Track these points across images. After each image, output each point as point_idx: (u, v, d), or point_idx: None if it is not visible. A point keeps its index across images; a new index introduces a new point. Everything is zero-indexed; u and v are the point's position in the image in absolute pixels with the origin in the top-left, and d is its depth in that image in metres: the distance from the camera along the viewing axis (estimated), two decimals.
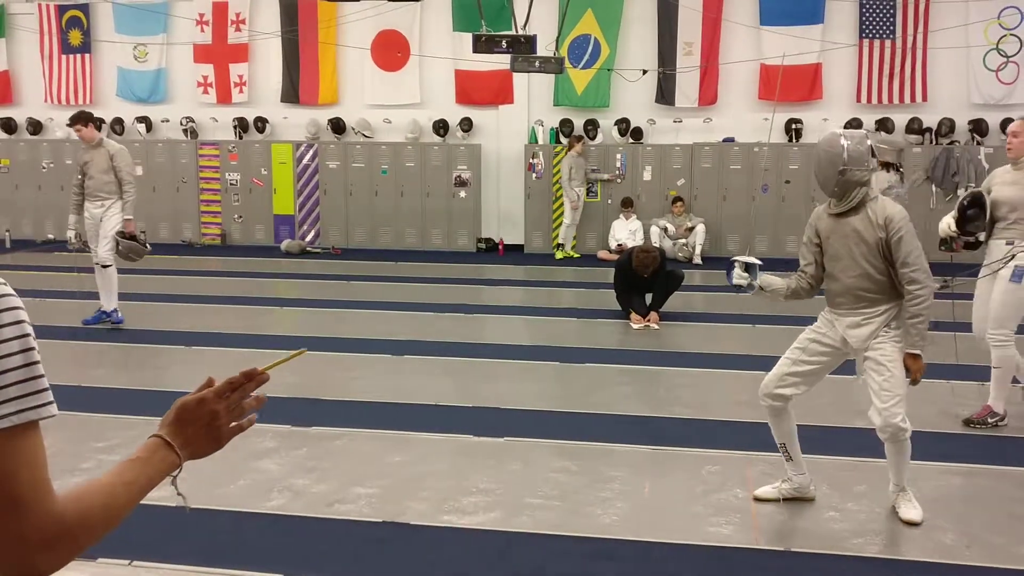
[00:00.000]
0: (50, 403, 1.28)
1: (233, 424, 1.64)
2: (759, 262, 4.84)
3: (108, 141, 9.20)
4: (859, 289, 4.45)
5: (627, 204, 13.92)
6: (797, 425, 4.79)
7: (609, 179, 14.20)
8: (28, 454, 1.26)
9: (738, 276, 4.80)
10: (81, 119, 9.05)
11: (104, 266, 8.95)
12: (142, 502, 1.46)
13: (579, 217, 14.08)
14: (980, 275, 6.00)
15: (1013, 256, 5.73)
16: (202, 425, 1.60)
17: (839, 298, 4.56)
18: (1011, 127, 5.94)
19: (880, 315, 4.43)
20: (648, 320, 9.14)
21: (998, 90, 13.56)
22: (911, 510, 4.54)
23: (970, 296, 6.24)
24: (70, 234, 9.25)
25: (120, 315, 9.12)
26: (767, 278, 4.85)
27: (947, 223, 5.84)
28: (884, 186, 8.45)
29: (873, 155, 4.42)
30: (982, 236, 5.92)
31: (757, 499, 4.77)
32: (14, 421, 1.23)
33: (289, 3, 15.22)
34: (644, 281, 9.31)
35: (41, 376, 1.27)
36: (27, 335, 1.27)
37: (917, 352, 4.33)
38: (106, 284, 9.01)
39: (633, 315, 9.20)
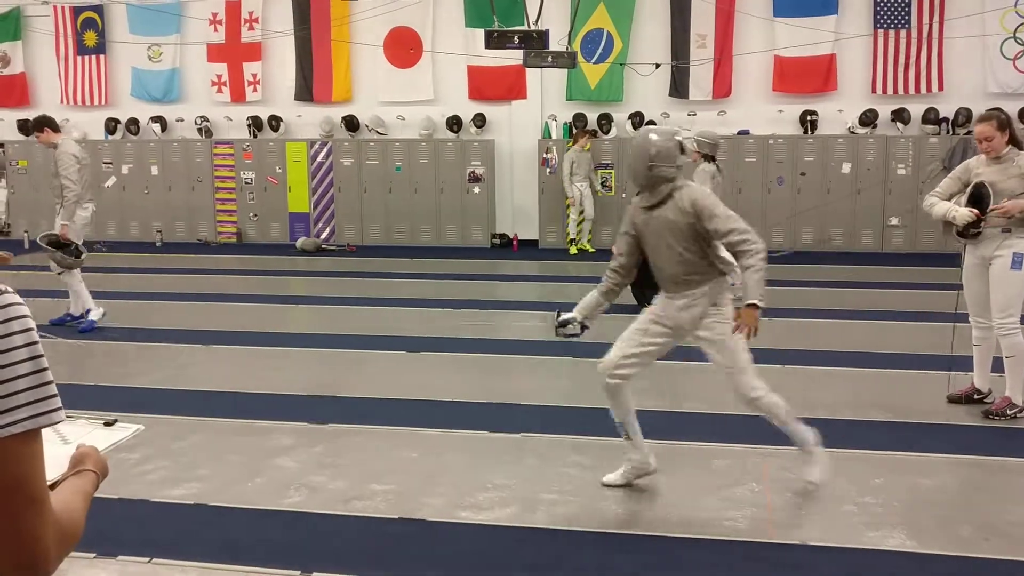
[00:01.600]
0: (59, 409, 1.33)
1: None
2: (572, 316, 5.07)
3: (64, 143, 8.90)
4: (681, 274, 4.66)
5: None
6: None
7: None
8: (39, 458, 1.31)
9: (566, 334, 5.08)
10: (36, 126, 9.01)
11: (58, 273, 8.78)
12: (164, 501, 1.49)
13: (592, 211, 14.05)
14: (966, 263, 6.01)
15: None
16: (104, 476, 1.70)
17: (666, 284, 4.80)
18: (977, 132, 5.84)
19: (704, 296, 4.64)
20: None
21: (1015, 79, 13.44)
22: (815, 470, 4.74)
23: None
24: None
25: (87, 321, 8.81)
26: (584, 310, 5.07)
27: (965, 212, 5.78)
28: (706, 176, 9.25)
29: (683, 152, 4.65)
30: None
31: (605, 485, 4.88)
32: (27, 427, 1.27)
33: (302, 1, 15.26)
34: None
35: (50, 382, 1.32)
36: (35, 343, 1.31)
37: (758, 303, 4.44)
38: (70, 288, 8.91)
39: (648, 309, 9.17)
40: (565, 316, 5.04)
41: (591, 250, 14.15)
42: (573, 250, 14.13)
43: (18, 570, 1.31)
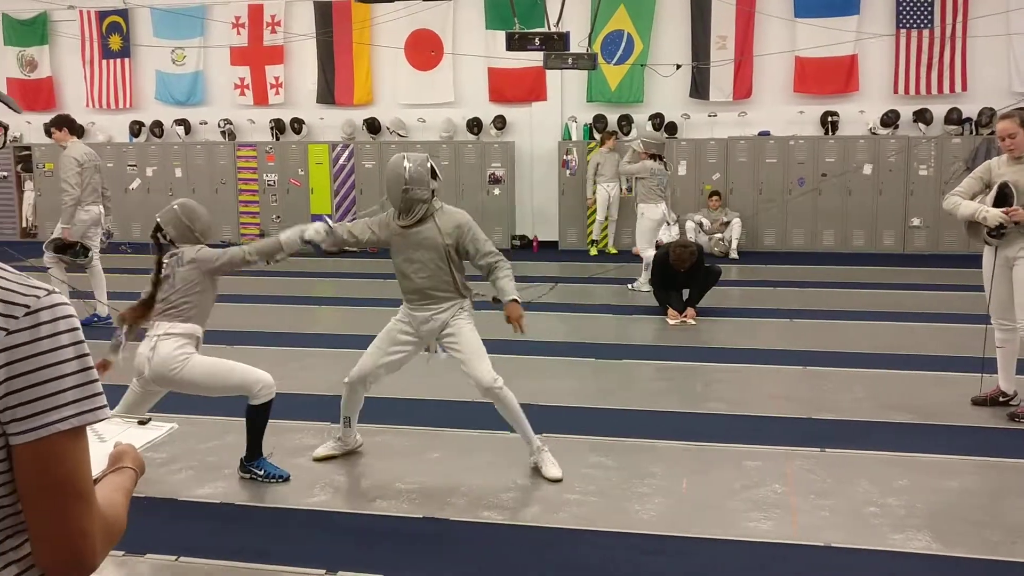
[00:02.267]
0: (104, 406, 1.36)
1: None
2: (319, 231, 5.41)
3: (71, 146, 8.92)
4: (429, 288, 5.07)
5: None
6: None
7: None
8: (86, 455, 1.35)
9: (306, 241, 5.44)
10: (55, 124, 9.10)
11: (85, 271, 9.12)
12: (191, 500, 1.54)
13: (615, 212, 14.05)
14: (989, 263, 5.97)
15: None
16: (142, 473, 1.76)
17: (411, 295, 5.18)
18: (1000, 129, 5.80)
19: (445, 311, 5.11)
20: (685, 316, 9.12)
21: None
22: (552, 468, 5.03)
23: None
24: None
25: (96, 316, 9.17)
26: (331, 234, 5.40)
27: (996, 213, 5.72)
28: (648, 174, 10.42)
29: (435, 177, 5.01)
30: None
31: (316, 459, 5.30)
32: (74, 424, 1.31)
33: (323, 5, 15.35)
34: (681, 276, 9.29)
35: (95, 381, 1.36)
36: (81, 342, 1.35)
37: (515, 298, 5.11)
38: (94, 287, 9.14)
39: (670, 311, 9.19)
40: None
41: (613, 251, 14.15)
42: (593, 251, 14.14)
43: (65, 565, 1.34)
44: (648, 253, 10.56)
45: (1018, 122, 5.71)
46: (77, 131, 9.32)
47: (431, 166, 5.04)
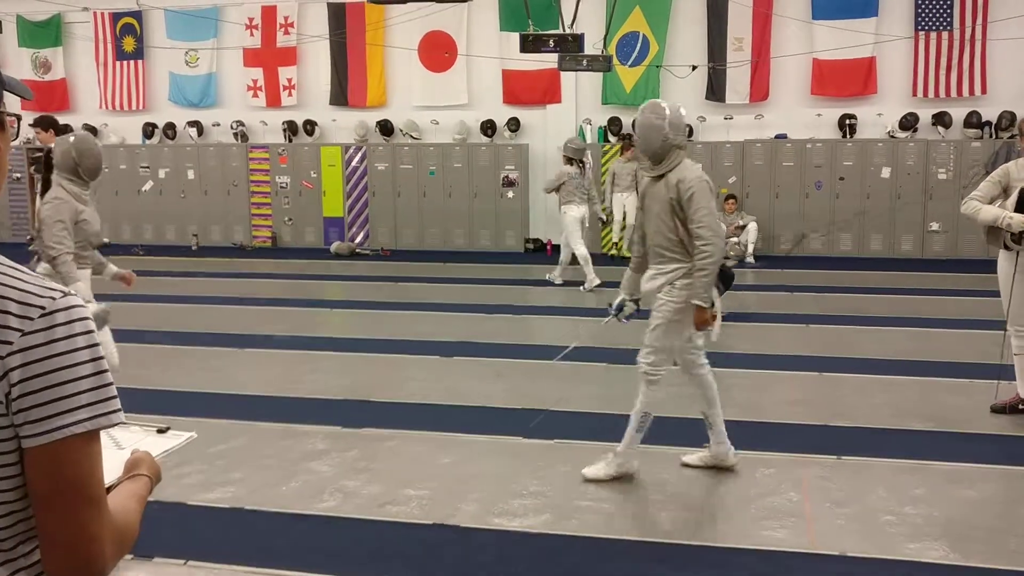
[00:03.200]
0: (118, 411, 1.35)
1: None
2: (618, 300, 5.25)
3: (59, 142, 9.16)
4: (656, 246, 4.85)
5: None
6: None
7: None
8: (99, 459, 1.34)
9: (626, 316, 5.26)
10: (40, 124, 9.25)
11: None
12: (200, 504, 1.53)
13: (633, 218, 13.99)
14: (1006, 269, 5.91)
15: None
16: (158, 480, 1.74)
17: (649, 254, 5.00)
18: (1020, 126, 5.81)
19: (668, 273, 4.82)
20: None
21: None
22: (593, 467, 4.96)
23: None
24: None
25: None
26: (624, 288, 5.22)
27: (1021, 218, 5.63)
28: (565, 178, 11.33)
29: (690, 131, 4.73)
30: None
31: (685, 465, 5.13)
32: (88, 427, 1.30)
33: (337, 6, 15.34)
34: None
35: (110, 384, 1.34)
36: (96, 344, 1.33)
37: (701, 304, 4.69)
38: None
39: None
40: (616, 301, 5.22)
41: (628, 255, 14.07)
42: (613, 253, 14.09)
43: (75, 571, 1.32)
44: (580, 251, 11.46)
45: None
46: (61, 131, 9.45)
47: (681, 111, 4.83)
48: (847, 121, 13.82)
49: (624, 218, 13.91)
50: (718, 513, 4.64)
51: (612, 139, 14.49)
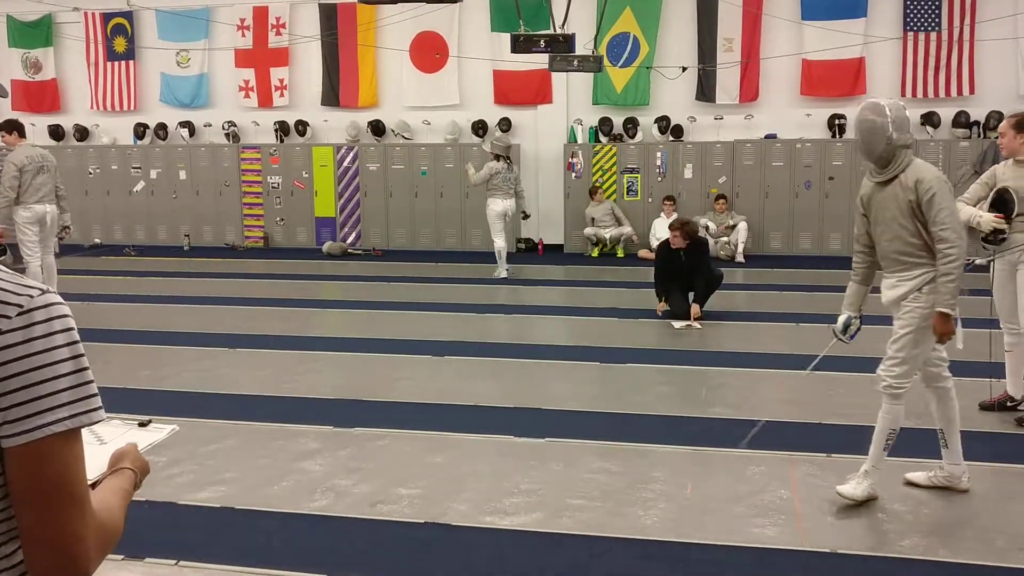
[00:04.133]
0: (99, 408, 1.34)
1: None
2: (844, 317, 4.94)
3: (17, 149, 9.45)
4: (894, 252, 4.54)
5: (670, 201, 13.84)
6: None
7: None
8: (81, 458, 1.32)
9: (852, 335, 4.97)
10: (3, 127, 9.56)
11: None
12: (190, 504, 1.52)
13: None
14: (994, 266, 5.95)
15: None
16: (144, 473, 1.73)
17: (883, 261, 4.68)
18: (1000, 127, 5.87)
19: (913, 279, 4.50)
20: (692, 319, 9.11)
21: None
22: (849, 486, 4.65)
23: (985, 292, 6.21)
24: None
25: None
26: (850, 304, 4.94)
27: (989, 218, 5.71)
28: (491, 172, 11.91)
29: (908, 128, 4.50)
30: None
31: (908, 483, 4.85)
32: (68, 426, 1.29)
33: (328, 7, 15.33)
34: (685, 262, 9.36)
35: (91, 382, 1.33)
36: (76, 342, 1.33)
37: (946, 311, 4.37)
38: None
39: (661, 306, 9.41)
40: (842, 320, 4.92)
41: (621, 254, 14.11)
42: (595, 252, 14.13)
43: (58, 570, 1.31)
44: (498, 243, 12.20)
45: (1008, 124, 5.75)
46: (24, 134, 9.77)
47: (904, 109, 4.52)
48: (836, 121, 13.86)
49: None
50: (709, 511, 4.66)
51: (603, 139, 14.52)
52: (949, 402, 4.73)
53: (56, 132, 16.55)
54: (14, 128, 9.55)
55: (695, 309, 9.19)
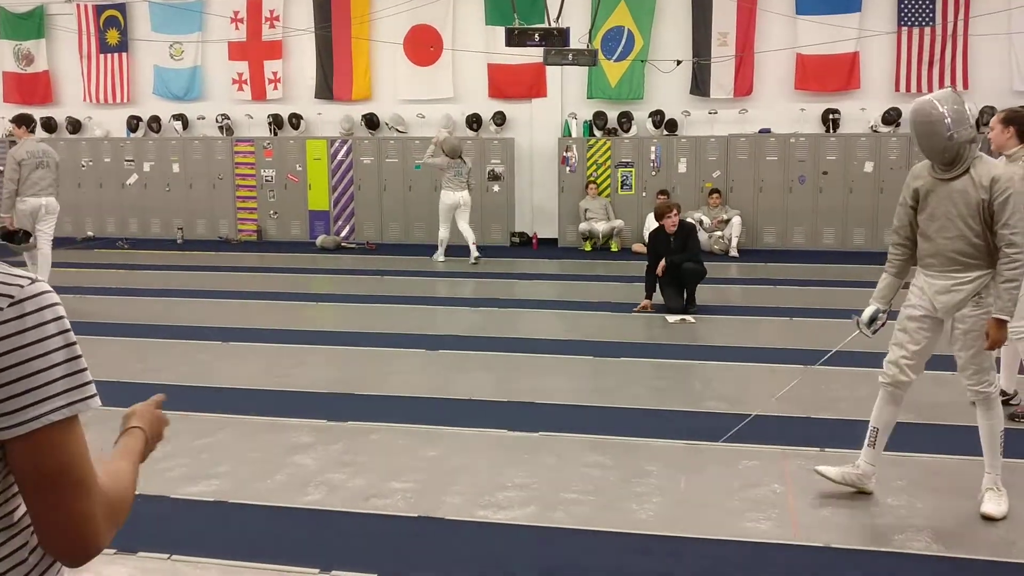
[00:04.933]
0: (94, 395, 1.35)
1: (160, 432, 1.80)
2: (872, 310, 4.78)
3: (21, 143, 9.88)
4: (953, 251, 4.34)
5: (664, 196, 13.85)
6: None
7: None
8: (80, 440, 1.33)
9: (876, 328, 4.79)
10: (16, 121, 10.05)
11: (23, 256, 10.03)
12: (183, 498, 1.54)
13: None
14: None
15: None
16: (156, 425, 1.77)
17: (930, 259, 4.45)
18: (991, 122, 5.87)
19: (970, 282, 4.33)
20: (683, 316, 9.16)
21: None
22: (992, 504, 4.44)
23: None
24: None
25: None
26: (881, 298, 4.78)
27: None
28: (446, 165, 12.68)
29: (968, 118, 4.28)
30: None
31: (818, 472, 4.73)
32: (65, 414, 1.30)
33: (323, 0, 15.29)
34: (675, 242, 9.41)
35: (84, 369, 1.34)
36: (67, 330, 1.33)
37: (1005, 318, 4.25)
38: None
39: (645, 303, 9.42)
40: (868, 312, 4.76)
41: (615, 248, 14.12)
42: (588, 247, 14.13)
43: (72, 550, 1.34)
44: (442, 232, 13.05)
45: (998, 118, 5.76)
46: (33, 130, 10.19)
47: (963, 100, 4.30)
48: (830, 116, 13.89)
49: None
50: (702, 505, 4.66)
51: (597, 133, 14.52)
52: (897, 407, 4.66)
53: (48, 124, 16.49)
54: (24, 122, 9.96)
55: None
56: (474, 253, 12.79)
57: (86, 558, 1.35)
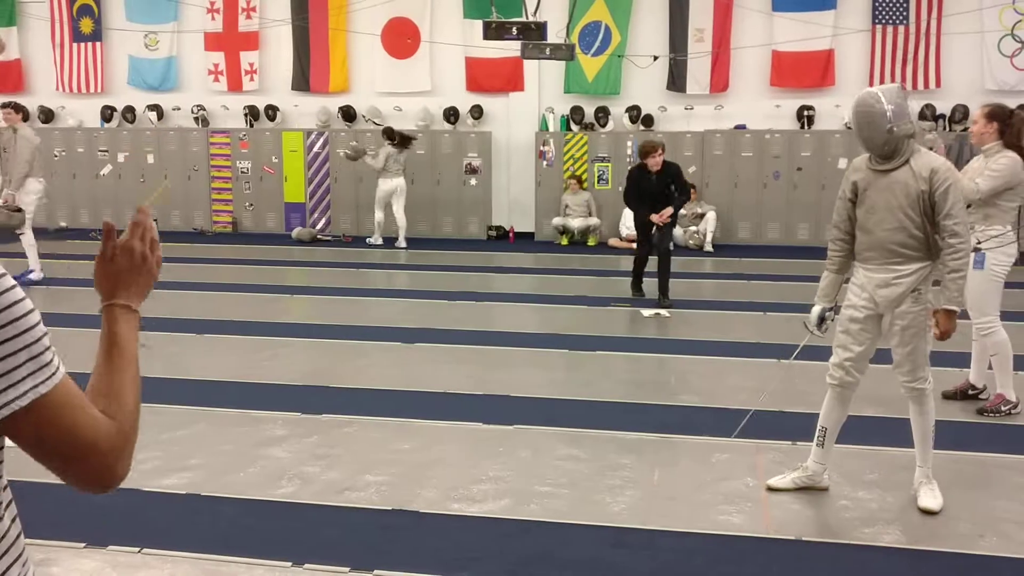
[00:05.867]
0: (59, 368, 1.31)
1: (156, 254, 1.69)
2: (819, 309, 4.78)
3: (25, 127, 10.89)
4: (894, 243, 4.35)
5: None
6: (809, 412, 4.76)
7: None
8: (64, 409, 1.30)
9: (820, 331, 4.79)
10: (14, 106, 10.87)
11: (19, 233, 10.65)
12: (155, 491, 1.51)
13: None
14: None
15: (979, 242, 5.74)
16: (136, 269, 1.63)
17: (870, 252, 4.46)
18: (974, 115, 5.96)
19: (911, 275, 4.35)
20: (660, 216, 9.43)
21: (1012, 76, 13.44)
22: (930, 498, 4.50)
23: None
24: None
25: (25, 278, 10.33)
26: (825, 296, 4.76)
27: None
28: (386, 156, 13.49)
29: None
30: None
31: (770, 489, 4.75)
32: (31, 397, 1.26)
33: None
34: (655, 183, 9.46)
35: (48, 348, 1.31)
36: (29, 312, 1.29)
37: (954, 308, 4.30)
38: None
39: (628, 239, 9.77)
40: (815, 312, 4.74)
41: (592, 243, 14.15)
42: (564, 241, 14.16)
43: (93, 487, 1.37)
44: (377, 215, 13.86)
45: (982, 112, 5.85)
46: (27, 117, 11.19)
47: (906, 95, 4.35)
48: (805, 112, 13.97)
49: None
50: (675, 498, 4.69)
51: (574, 127, 14.53)
52: (845, 407, 4.68)
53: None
54: (21, 109, 10.85)
55: (665, 214, 9.47)
56: (402, 242, 13.70)
57: (113, 488, 1.38)
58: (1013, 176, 5.68)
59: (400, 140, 13.56)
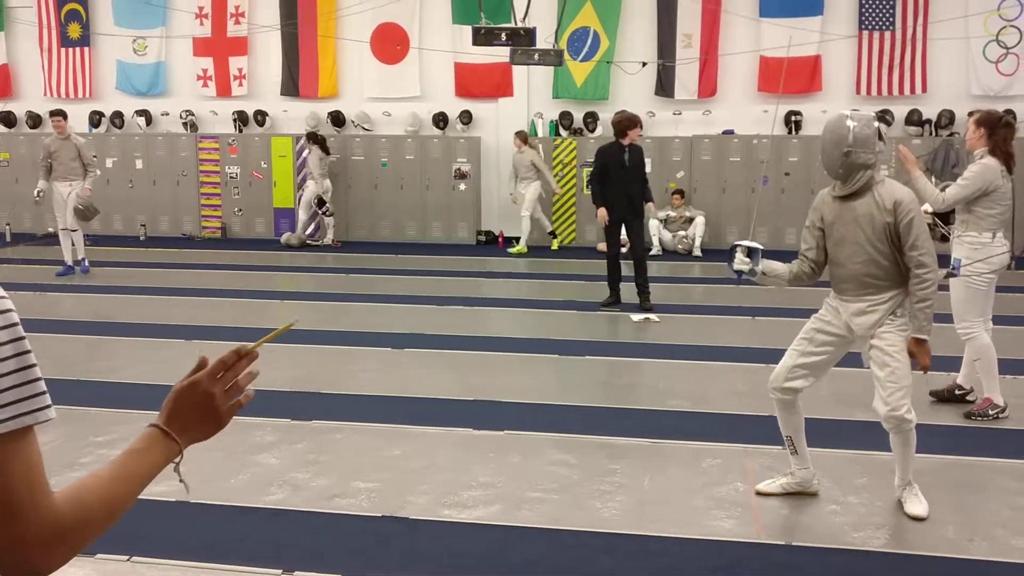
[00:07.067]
0: (47, 407, 1.24)
1: (232, 402, 1.61)
2: (760, 246, 4.72)
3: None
4: (864, 275, 4.40)
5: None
6: (804, 418, 4.77)
7: None
8: (23, 457, 1.22)
9: (740, 262, 4.67)
10: (61, 114, 11.67)
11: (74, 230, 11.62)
12: (141, 497, 1.44)
13: (531, 209, 13.86)
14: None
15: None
16: (200, 409, 1.56)
17: (844, 284, 4.51)
18: (968, 123, 6.02)
19: (885, 302, 4.39)
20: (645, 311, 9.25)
21: (997, 81, 13.52)
22: (916, 505, 4.52)
23: None
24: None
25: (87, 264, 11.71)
26: (769, 264, 4.72)
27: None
28: (315, 157, 14.11)
29: (880, 138, 4.35)
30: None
31: (759, 493, 4.77)
32: (11, 427, 1.19)
33: None
34: (625, 161, 9.35)
35: (38, 379, 1.23)
36: (21, 338, 1.23)
37: (924, 337, 4.33)
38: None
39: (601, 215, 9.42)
40: (748, 244, 4.68)
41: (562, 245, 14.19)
42: (555, 245, 14.17)
43: (14, 568, 1.24)
44: (302, 216, 14.53)
45: (975, 119, 5.90)
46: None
47: (877, 127, 4.34)
48: (792, 117, 14.02)
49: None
50: (665, 503, 4.70)
51: (563, 133, 14.55)
52: (795, 412, 4.66)
53: (7, 119, 16.21)
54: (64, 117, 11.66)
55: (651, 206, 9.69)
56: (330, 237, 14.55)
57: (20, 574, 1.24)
58: (984, 183, 5.71)
59: (325, 144, 14.25)
